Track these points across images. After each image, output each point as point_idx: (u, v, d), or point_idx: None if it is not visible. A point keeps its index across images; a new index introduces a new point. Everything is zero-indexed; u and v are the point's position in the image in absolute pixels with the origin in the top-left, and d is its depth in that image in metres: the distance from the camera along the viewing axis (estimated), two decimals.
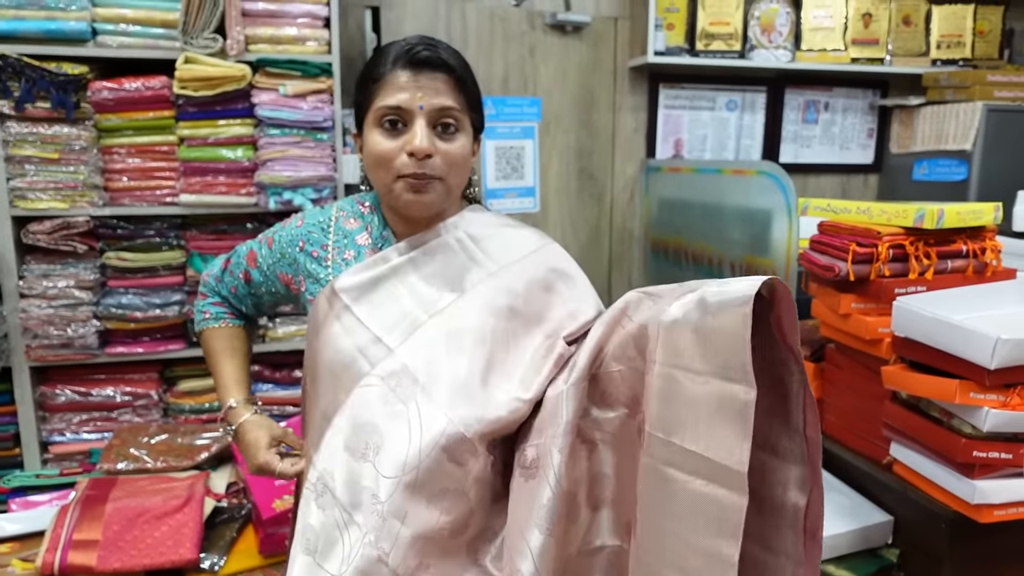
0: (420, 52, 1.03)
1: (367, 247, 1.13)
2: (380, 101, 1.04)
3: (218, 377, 1.27)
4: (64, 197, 2.28)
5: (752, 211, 2.26)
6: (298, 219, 1.19)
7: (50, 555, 1.64)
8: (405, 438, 0.98)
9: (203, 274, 1.31)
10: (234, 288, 1.26)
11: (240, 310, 1.30)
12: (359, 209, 1.17)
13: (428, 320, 1.05)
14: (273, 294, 1.22)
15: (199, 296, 1.31)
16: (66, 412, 2.43)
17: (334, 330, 1.06)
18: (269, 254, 1.19)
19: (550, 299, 1.10)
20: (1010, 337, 1.19)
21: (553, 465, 0.92)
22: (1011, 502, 1.29)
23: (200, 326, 1.30)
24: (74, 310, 2.32)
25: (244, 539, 1.88)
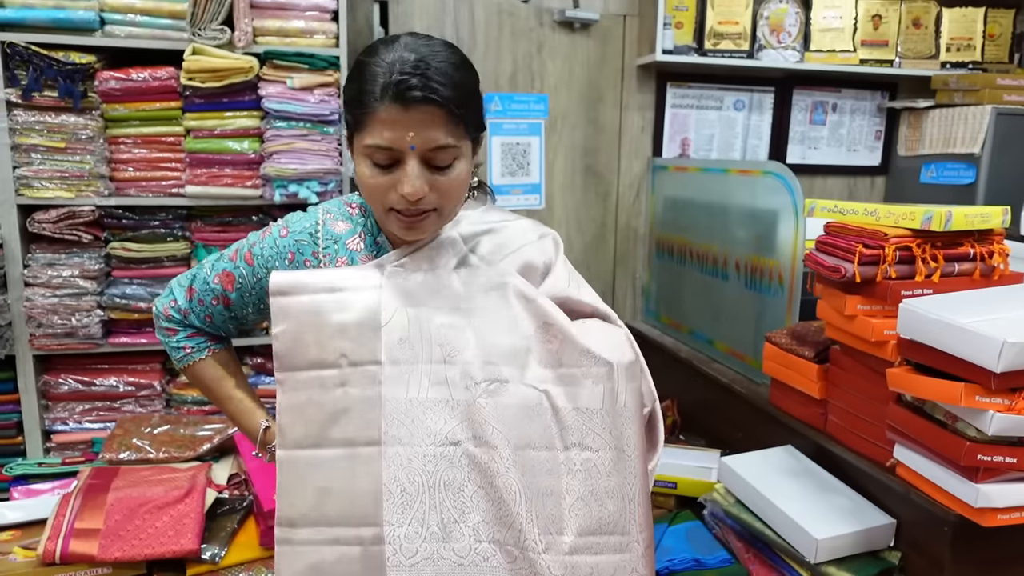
0: (412, 88, 0.91)
1: (360, 252, 1.09)
2: (368, 137, 0.94)
3: (232, 403, 1.22)
4: (70, 186, 2.29)
5: (758, 211, 2.25)
6: (280, 228, 1.11)
7: (52, 543, 1.64)
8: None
9: (160, 307, 1.19)
10: (208, 316, 1.17)
11: (219, 335, 1.22)
12: (347, 211, 1.11)
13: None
14: (261, 311, 1.15)
15: (163, 331, 1.19)
16: (69, 401, 2.44)
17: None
18: (251, 271, 1.11)
19: (549, 282, 1.10)
20: (1016, 340, 1.18)
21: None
22: (1015, 506, 1.28)
23: (183, 363, 1.21)
24: (78, 299, 2.32)
25: (245, 531, 1.88)
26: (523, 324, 1.01)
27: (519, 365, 0.99)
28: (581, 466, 0.97)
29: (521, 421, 0.98)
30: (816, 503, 1.57)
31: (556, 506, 0.95)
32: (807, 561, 1.49)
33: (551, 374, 1.00)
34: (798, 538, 1.50)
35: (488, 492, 0.95)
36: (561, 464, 0.97)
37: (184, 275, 1.18)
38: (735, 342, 2.38)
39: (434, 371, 0.99)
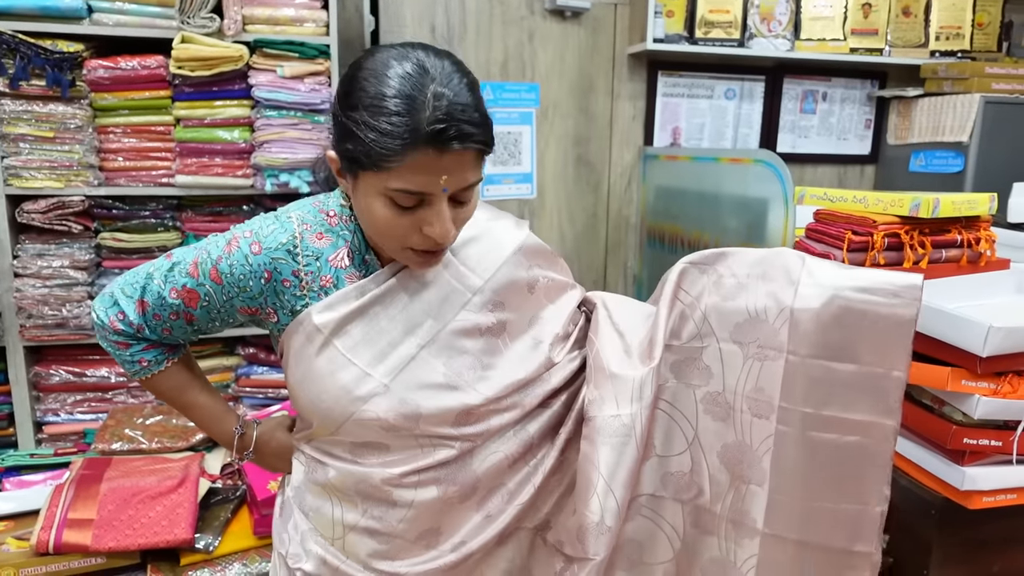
0: (448, 137, 0.84)
1: (347, 271, 0.99)
2: (393, 182, 0.86)
3: (198, 410, 1.13)
4: (59, 176, 2.27)
5: (749, 199, 2.27)
6: (249, 243, 0.96)
7: (45, 533, 1.64)
8: (415, 454, 1.01)
9: (105, 319, 1.03)
10: (167, 331, 1.03)
11: (177, 344, 1.10)
12: (324, 221, 0.99)
13: (419, 352, 0.99)
14: (230, 324, 1.06)
15: (114, 346, 1.05)
16: (60, 392, 2.43)
17: (318, 365, 0.97)
18: (220, 290, 0.98)
19: (534, 300, 1.10)
20: (1002, 325, 1.20)
21: (640, 430, 1.04)
22: (999, 489, 1.31)
23: (140, 375, 1.08)
24: (69, 290, 2.31)
25: (238, 520, 1.88)
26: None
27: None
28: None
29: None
30: None
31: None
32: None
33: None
34: None
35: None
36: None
37: (127, 283, 1.03)
38: None
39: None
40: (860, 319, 0.97)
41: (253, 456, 1.15)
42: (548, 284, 1.12)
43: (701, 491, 1.08)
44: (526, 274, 1.08)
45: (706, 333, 1.07)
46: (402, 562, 1.03)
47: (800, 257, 1.03)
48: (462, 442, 1.01)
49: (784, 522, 1.02)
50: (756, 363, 1.02)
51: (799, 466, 1.01)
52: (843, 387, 0.99)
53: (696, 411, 1.08)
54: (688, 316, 1.09)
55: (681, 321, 1.09)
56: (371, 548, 1.03)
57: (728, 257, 1.09)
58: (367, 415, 0.96)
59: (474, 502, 1.05)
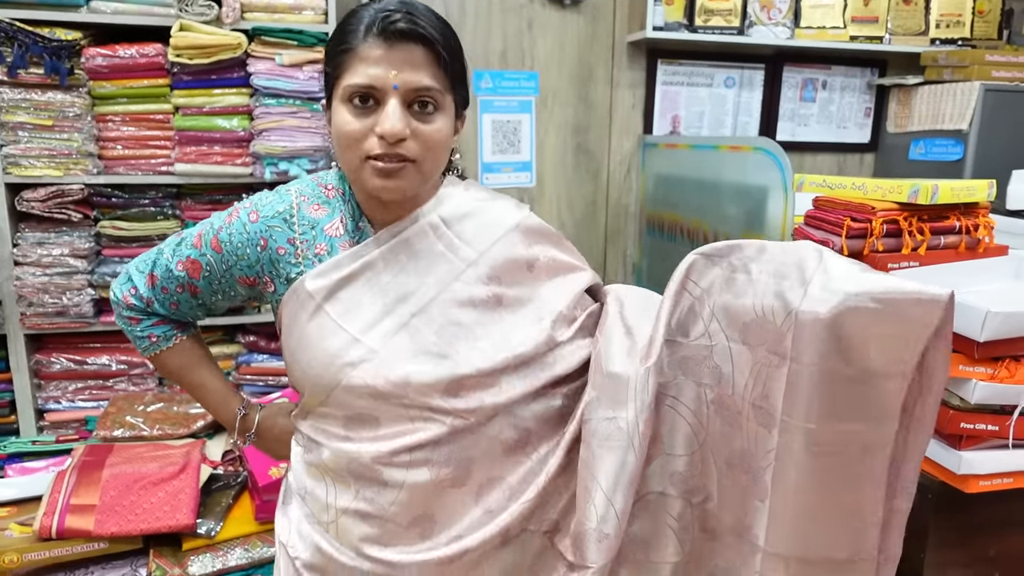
0: (396, 21, 0.91)
1: (340, 239, 1.01)
2: (349, 78, 0.92)
3: (204, 390, 1.17)
4: (58, 164, 2.27)
5: (748, 187, 2.27)
6: (249, 212, 1.03)
7: (48, 519, 1.65)
8: (405, 428, 0.98)
9: (119, 294, 1.10)
10: (174, 304, 1.09)
11: (186, 322, 1.15)
12: (322, 193, 1.04)
13: (410, 319, 0.99)
14: (232, 298, 1.09)
15: (126, 321, 1.11)
16: (61, 380, 2.44)
17: (309, 332, 0.98)
18: (219, 259, 1.03)
19: (534, 278, 1.06)
20: (1000, 310, 1.20)
21: (638, 436, 0.98)
22: (996, 473, 1.31)
23: (149, 352, 1.13)
24: (69, 278, 2.32)
25: (240, 506, 1.89)
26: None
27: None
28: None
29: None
30: None
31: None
32: None
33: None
34: None
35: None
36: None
37: (141, 259, 1.10)
38: None
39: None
40: (869, 328, 0.85)
41: (255, 439, 1.16)
42: (550, 263, 1.07)
43: (709, 496, 1.04)
44: (525, 252, 1.05)
45: (715, 331, 0.99)
46: (394, 549, 1.00)
47: (819, 253, 0.93)
48: (453, 418, 0.97)
49: (785, 541, 0.96)
50: (764, 368, 0.94)
51: (799, 484, 0.93)
52: (845, 400, 0.89)
53: (707, 412, 1.01)
54: (697, 312, 1.01)
55: (690, 316, 1.01)
56: (363, 532, 1.00)
57: (742, 250, 0.98)
58: (355, 381, 0.96)
59: (470, 491, 1.01)
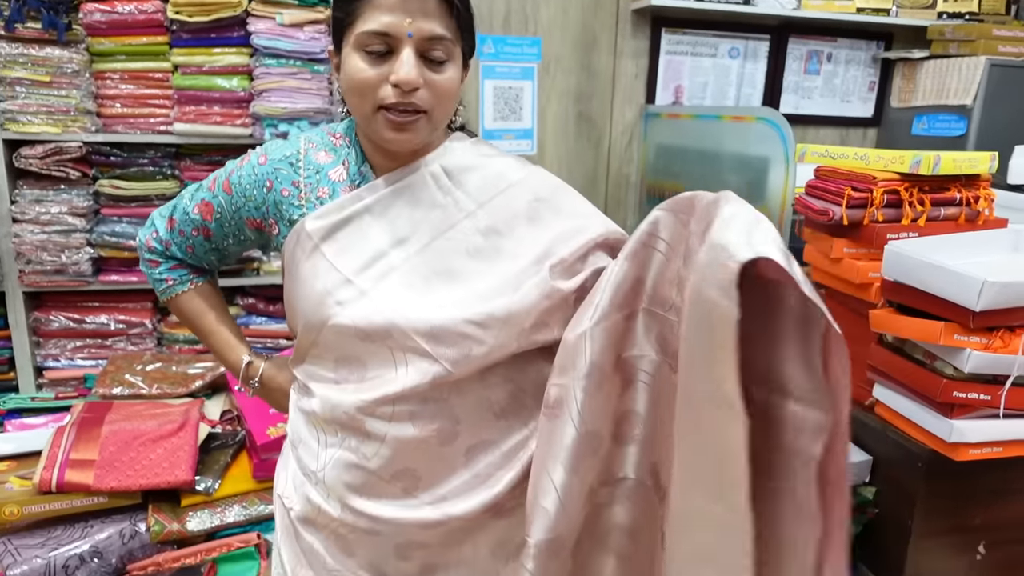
0: None
1: (342, 183, 1.03)
2: (364, 25, 0.92)
3: (215, 336, 1.20)
4: (56, 122, 2.26)
5: (750, 158, 2.26)
6: (259, 155, 1.05)
7: (47, 472, 1.67)
8: (390, 376, 0.97)
9: (143, 239, 1.16)
10: (190, 248, 1.13)
11: (202, 268, 1.19)
12: (330, 141, 1.06)
13: (403, 263, 0.99)
14: (242, 242, 1.11)
15: (146, 264, 1.17)
16: (60, 338, 2.45)
17: (304, 270, 0.99)
18: (229, 201, 1.06)
19: (535, 231, 1.02)
20: (997, 280, 1.21)
21: (576, 406, 0.92)
22: (986, 442, 1.33)
23: (167, 295, 1.18)
24: (67, 236, 2.31)
25: (238, 464, 1.91)
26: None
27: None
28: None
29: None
30: None
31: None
32: None
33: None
34: None
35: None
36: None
37: (166, 206, 1.15)
38: None
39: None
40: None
41: (259, 387, 1.18)
42: (554, 217, 1.05)
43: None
44: (527, 206, 1.04)
45: (679, 303, 0.90)
46: (377, 502, 0.99)
47: (717, 206, 0.83)
48: (439, 366, 0.95)
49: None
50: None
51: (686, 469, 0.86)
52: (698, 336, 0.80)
53: (675, 395, 0.93)
54: (670, 279, 0.93)
55: (661, 282, 0.93)
56: (347, 480, 1.00)
57: (695, 208, 0.89)
58: (344, 320, 0.96)
59: (458, 452, 1.00)
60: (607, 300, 0.92)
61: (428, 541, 1.01)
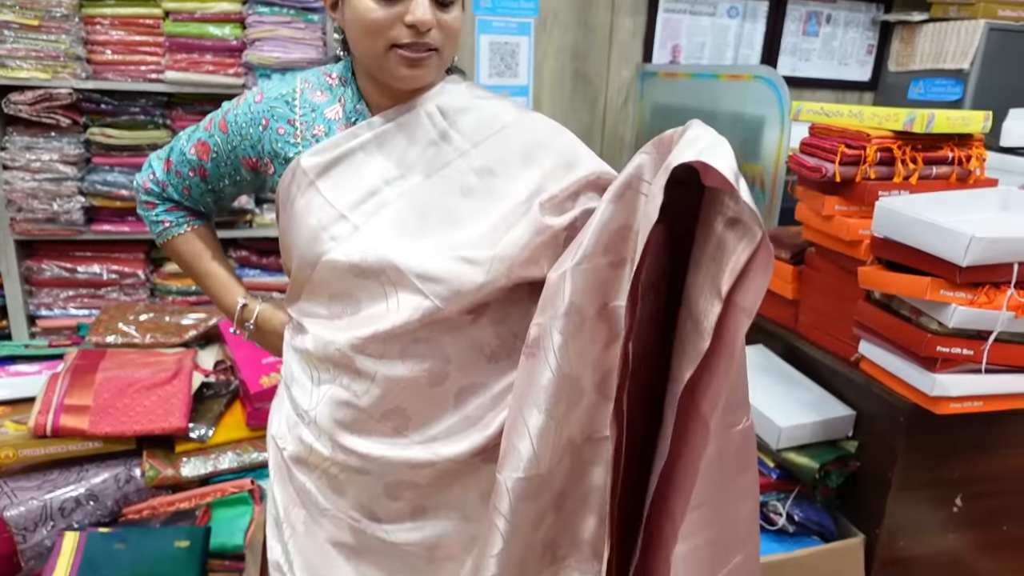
0: None
1: (338, 122, 1.04)
2: None
3: (210, 279, 1.20)
4: (45, 67, 2.22)
5: (746, 117, 2.25)
6: (255, 94, 1.06)
7: (42, 417, 1.68)
8: (381, 312, 0.98)
9: (140, 180, 1.16)
10: (186, 189, 1.13)
11: (198, 210, 1.19)
12: (326, 81, 1.06)
13: (396, 199, 1.00)
14: (237, 183, 1.12)
15: (143, 206, 1.17)
16: (53, 287, 2.45)
17: (299, 207, 1.01)
18: (225, 139, 1.06)
19: (528, 171, 1.02)
20: (984, 235, 1.22)
21: (553, 346, 0.91)
22: (967, 395, 1.36)
23: (163, 237, 1.18)
24: (59, 185, 2.30)
25: (231, 413, 1.93)
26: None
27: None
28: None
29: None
30: (782, 396, 1.64)
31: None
32: (771, 448, 1.57)
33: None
34: (763, 426, 1.58)
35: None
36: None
37: (163, 148, 1.15)
38: None
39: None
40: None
41: (253, 330, 1.19)
42: (547, 157, 1.04)
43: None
44: (520, 146, 1.04)
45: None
46: (367, 440, 1.01)
47: (683, 133, 0.85)
48: (429, 302, 0.96)
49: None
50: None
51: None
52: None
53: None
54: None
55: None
56: (338, 417, 1.01)
57: (672, 143, 0.88)
58: (337, 255, 0.98)
59: (448, 392, 1.01)
60: (591, 241, 0.91)
61: (418, 481, 1.03)
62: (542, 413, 0.92)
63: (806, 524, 1.58)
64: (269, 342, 1.20)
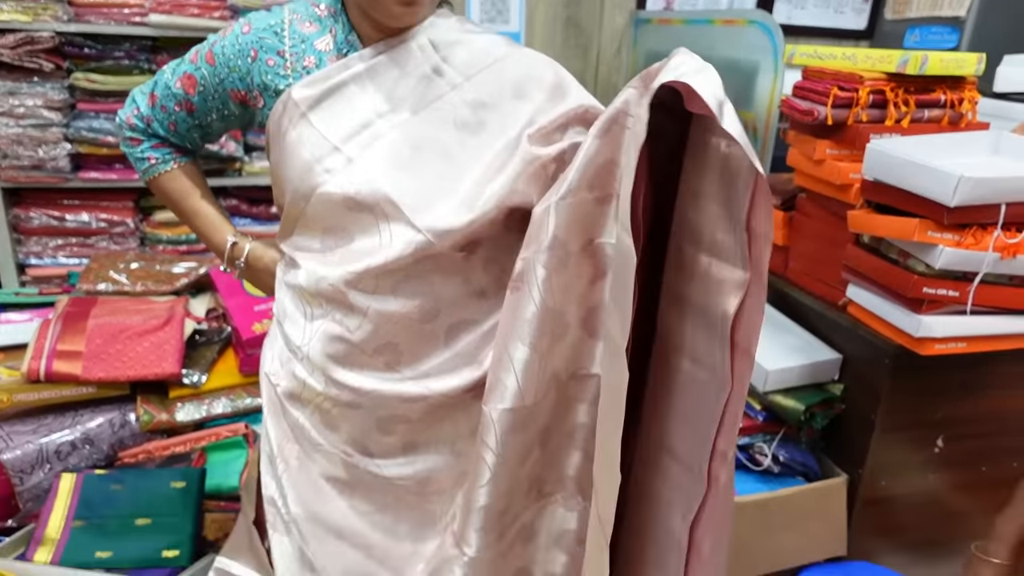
0: None
1: (329, 53, 1.02)
2: None
3: (199, 218, 1.19)
4: (26, 9, 2.17)
5: (740, 63, 2.23)
6: (243, 25, 1.04)
7: (35, 362, 1.69)
8: (374, 245, 0.98)
9: (123, 116, 1.13)
10: (172, 124, 1.11)
11: (185, 147, 1.17)
12: (314, 12, 1.04)
13: (389, 132, 0.99)
14: (226, 117, 1.10)
15: (128, 142, 1.14)
16: (41, 236, 2.43)
17: (291, 139, 1.00)
18: (212, 72, 1.04)
19: (520, 105, 1.02)
20: (972, 175, 1.22)
21: (537, 280, 0.92)
22: (951, 337, 1.37)
23: (149, 174, 1.16)
24: (44, 131, 2.26)
25: (224, 360, 1.94)
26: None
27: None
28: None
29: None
30: (770, 341, 1.66)
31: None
32: (758, 390, 1.59)
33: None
34: None
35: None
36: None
37: (146, 83, 1.12)
38: None
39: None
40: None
41: (244, 267, 1.18)
42: (536, 90, 1.04)
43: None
44: (511, 80, 1.03)
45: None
46: (360, 374, 1.02)
47: (668, 60, 0.82)
48: (422, 236, 0.96)
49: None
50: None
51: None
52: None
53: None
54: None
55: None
56: (331, 352, 1.02)
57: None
58: (331, 188, 0.98)
59: (439, 329, 1.02)
60: (576, 176, 0.91)
61: (410, 416, 1.04)
62: (526, 346, 0.93)
63: (791, 465, 1.61)
64: (260, 280, 1.20)
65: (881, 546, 1.67)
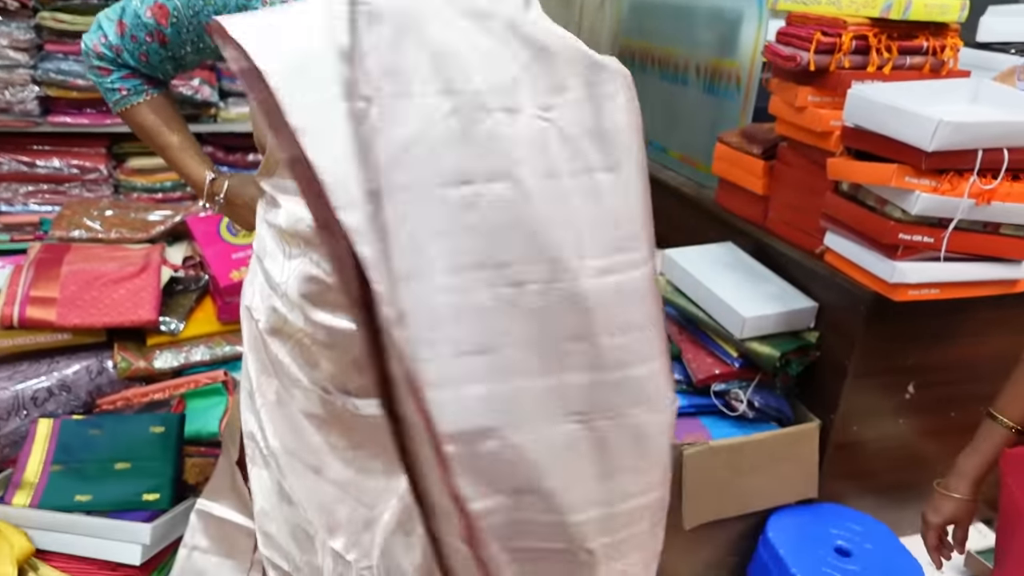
0: None
1: None
2: None
3: (175, 152, 1.17)
4: None
5: (724, 11, 2.20)
6: None
7: (8, 308, 1.67)
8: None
9: (89, 43, 1.09)
10: (143, 55, 1.08)
11: (156, 78, 1.14)
12: None
13: None
14: (200, 50, 1.07)
15: (96, 71, 1.11)
16: (12, 182, 2.38)
17: None
18: (186, 4, 1.02)
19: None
20: (951, 120, 1.23)
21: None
22: (925, 283, 1.39)
23: (120, 106, 1.13)
24: (10, 72, 2.20)
25: (202, 308, 1.93)
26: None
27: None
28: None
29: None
30: (748, 289, 1.67)
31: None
32: (734, 338, 1.61)
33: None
34: (728, 317, 1.61)
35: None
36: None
37: (112, 8, 1.08)
38: (689, 149, 2.41)
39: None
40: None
41: (223, 204, 1.17)
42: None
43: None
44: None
45: None
46: (332, 315, 1.00)
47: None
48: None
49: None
50: None
51: None
52: None
53: None
54: None
55: None
56: (304, 290, 1.01)
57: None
58: None
59: None
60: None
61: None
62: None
63: (765, 410, 1.64)
64: (239, 216, 1.19)
65: (851, 489, 1.71)
